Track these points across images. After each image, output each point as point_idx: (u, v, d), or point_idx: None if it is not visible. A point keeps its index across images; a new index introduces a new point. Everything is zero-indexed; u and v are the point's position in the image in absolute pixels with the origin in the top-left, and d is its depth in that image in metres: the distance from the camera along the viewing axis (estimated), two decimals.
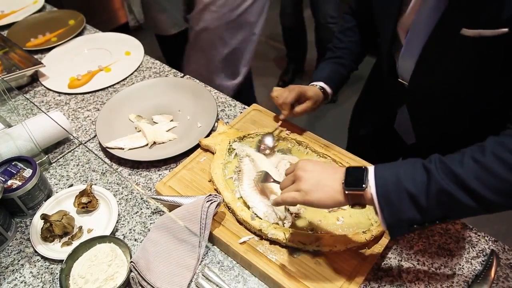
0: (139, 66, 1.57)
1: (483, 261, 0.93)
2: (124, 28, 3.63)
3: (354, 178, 0.75)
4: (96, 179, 1.15)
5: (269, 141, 1.14)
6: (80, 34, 1.78)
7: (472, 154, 0.69)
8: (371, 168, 0.75)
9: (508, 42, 0.78)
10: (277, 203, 0.83)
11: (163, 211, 1.05)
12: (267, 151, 1.11)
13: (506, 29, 0.76)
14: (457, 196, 0.68)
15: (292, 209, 0.97)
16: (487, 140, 0.72)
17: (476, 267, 0.92)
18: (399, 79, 1.06)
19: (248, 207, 0.99)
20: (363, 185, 0.73)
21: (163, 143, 1.24)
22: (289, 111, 1.14)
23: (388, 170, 0.73)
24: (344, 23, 1.24)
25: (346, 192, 0.75)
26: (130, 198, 1.10)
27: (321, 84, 1.17)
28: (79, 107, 1.41)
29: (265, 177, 0.99)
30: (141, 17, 3.65)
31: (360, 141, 1.42)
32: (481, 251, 0.95)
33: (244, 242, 0.93)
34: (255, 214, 0.97)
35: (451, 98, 0.99)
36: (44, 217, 0.98)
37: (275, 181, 0.97)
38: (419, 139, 1.16)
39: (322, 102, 1.18)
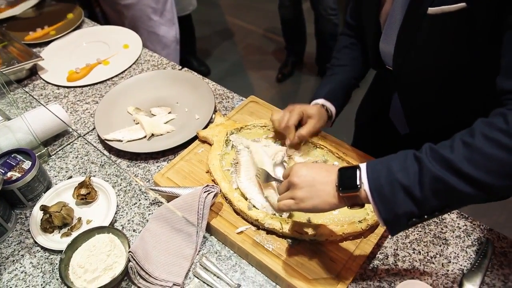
0: (137, 59, 1.57)
1: (478, 249, 0.94)
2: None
3: (347, 179, 0.73)
4: (95, 171, 1.16)
5: (279, 171, 1.05)
6: (78, 27, 1.78)
7: (461, 137, 0.68)
8: (363, 166, 0.73)
9: (470, 17, 0.80)
10: (276, 210, 0.86)
11: (161, 202, 1.06)
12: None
13: (464, 4, 0.78)
14: (451, 183, 0.65)
15: None
16: (476, 122, 0.70)
17: (471, 255, 0.93)
18: (386, 66, 1.06)
19: (246, 198, 0.99)
20: (358, 186, 0.71)
21: (161, 135, 1.24)
22: (294, 133, 1.07)
23: (379, 165, 0.72)
24: (340, 43, 1.22)
25: (341, 194, 0.73)
26: (129, 190, 1.11)
27: (322, 101, 1.12)
28: (77, 100, 1.42)
29: (266, 177, 0.98)
30: None
31: (362, 132, 1.43)
32: (476, 240, 0.96)
33: (241, 232, 0.94)
34: (252, 205, 0.98)
35: (433, 81, 0.99)
36: (44, 208, 0.99)
37: (275, 179, 0.98)
38: (411, 128, 1.16)
39: (327, 121, 1.13)
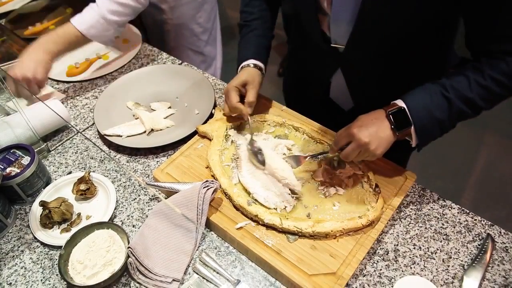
0: (137, 54, 1.56)
1: (479, 245, 0.94)
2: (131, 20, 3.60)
3: (401, 121, 0.91)
4: (95, 166, 1.16)
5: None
6: None
7: (475, 79, 0.87)
8: (405, 106, 0.90)
9: None
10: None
11: (160, 198, 1.06)
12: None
13: None
14: (469, 113, 0.90)
15: (293, 192, 0.98)
16: (482, 63, 0.88)
17: (472, 251, 0.93)
18: (332, 44, 1.05)
19: (248, 193, 0.99)
20: (409, 124, 0.90)
21: (160, 130, 1.24)
22: (245, 107, 1.11)
23: (419, 105, 0.90)
24: None
25: (398, 133, 0.91)
26: (128, 185, 1.10)
27: (252, 61, 1.16)
28: (77, 95, 1.41)
29: (297, 160, 1.04)
30: None
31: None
32: (477, 235, 0.95)
33: (241, 227, 0.94)
34: (254, 199, 0.97)
35: (389, 55, 1.03)
36: (43, 204, 0.99)
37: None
38: (357, 103, 1.18)
39: (261, 78, 1.16)
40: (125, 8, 1.33)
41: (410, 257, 0.92)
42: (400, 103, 0.91)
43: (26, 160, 1.05)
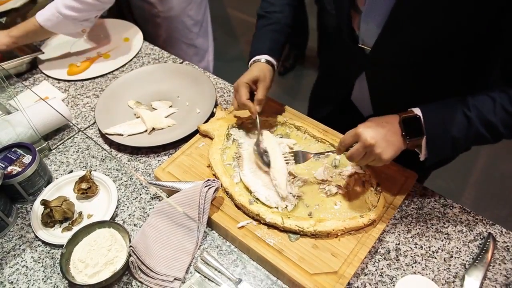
0: (138, 53, 1.56)
1: (480, 244, 0.94)
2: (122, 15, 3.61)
3: (413, 129, 0.87)
4: (96, 165, 1.16)
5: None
6: None
7: (501, 103, 0.83)
8: (420, 115, 0.86)
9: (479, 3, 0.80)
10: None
11: (162, 197, 1.06)
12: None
13: None
14: (488, 137, 0.86)
15: (294, 191, 0.98)
16: (507, 87, 0.84)
17: (473, 250, 0.93)
18: (360, 45, 1.02)
19: (250, 192, 0.99)
20: (422, 134, 0.86)
21: (162, 129, 1.24)
22: (253, 105, 1.08)
23: (435, 118, 0.86)
24: None
25: (408, 142, 0.87)
26: (130, 184, 1.10)
27: (266, 57, 1.12)
28: (78, 94, 1.41)
29: (302, 157, 1.03)
30: None
31: (321, 120, 1.34)
32: (478, 234, 0.95)
33: (242, 226, 0.94)
34: (256, 198, 0.97)
35: (413, 65, 0.98)
36: (44, 202, 0.99)
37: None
38: (376, 110, 1.15)
39: (273, 75, 1.13)
40: (82, 4, 1.34)
41: (411, 256, 0.92)
42: (416, 110, 0.87)
43: (27, 159, 1.05)
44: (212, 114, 1.25)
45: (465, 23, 0.84)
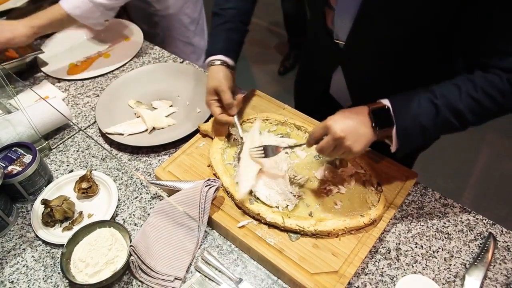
0: (138, 52, 1.56)
1: (480, 243, 0.94)
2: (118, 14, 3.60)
3: (382, 119, 0.88)
4: (96, 165, 1.16)
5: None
6: None
7: (467, 90, 0.84)
8: (389, 105, 0.87)
9: None
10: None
11: (162, 196, 1.05)
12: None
13: None
14: (456, 124, 0.86)
15: (295, 191, 0.98)
16: (476, 75, 0.85)
17: (473, 249, 0.93)
18: (335, 40, 1.04)
19: (250, 192, 0.99)
20: (392, 124, 0.87)
21: (162, 128, 1.24)
22: (226, 117, 1.09)
23: (403, 107, 0.87)
24: None
25: (378, 132, 0.87)
26: (130, 183, 1.10)
27: (220, 57, 1.10)
28: (78, 93, 1.41)
29: (271, 150, 1.00)
30: None
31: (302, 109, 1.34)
32: (479, 234, 0.95)
33: (243, 226, 0.94)
34: (256, 198, 0.97)
35: (388, 57, 1.01)
36: (45, 202, 0.99)
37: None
38: (354, 101, 1.16)
39: (231, 75, 1.12)
40: None
41: (412, 256, 0.92)
42: (385, 101, 0.88)
43: (27, 158, 1.05)
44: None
45: (432, 16, 0.87)
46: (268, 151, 1.00)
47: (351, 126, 0.86)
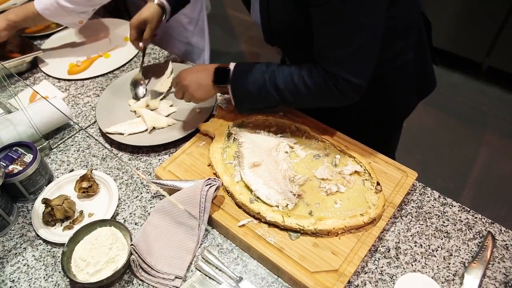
0: (138, 52, 1.56)
1: (479, 242, 0.94)
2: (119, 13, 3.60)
3: (222, 77, 1.07)
4: (97, 164, 1.16)
5: (140, 91, 1.36)
6: None
7: (292, 74, 1.00)
8: (232, 68, 1.06)
9: None
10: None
11: (163, 195, 1.06)
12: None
13: None
14: (274, 96, 1.03)
15: (294, 190, 0.99)
16: (306, 66, 0.99)
17: (472, 248, 0.93)
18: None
19: (251, 191, 0.99)
20: (227, 82, 1.06)
21: (162, 128, 1.24)
22: (138, 44, 1.33)
23: (241, 73, 1.05)
24: None
25: (216, 87, 1.08)
26: (130, 183, 1.11)
27: None
28: (79, 93, 1.42)
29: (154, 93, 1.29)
30: None
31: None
32: (477, 233, 0.96)
33: (243, 225, 0.94)
34: (256, 197, 0.98)
35: (301, 49, 1.11)
36: (45, 201, 0.99)
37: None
38: None
39: (161, 18, 1.31)
40: None
41: (411, 255, 0.93)
42: (231, 65, 1.06)
43: (28, 157, 1.06)
44: (213, 114, 1.25)
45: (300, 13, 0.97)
46: (153, 95, 1.29)
47: (195, 77, 1.09)
